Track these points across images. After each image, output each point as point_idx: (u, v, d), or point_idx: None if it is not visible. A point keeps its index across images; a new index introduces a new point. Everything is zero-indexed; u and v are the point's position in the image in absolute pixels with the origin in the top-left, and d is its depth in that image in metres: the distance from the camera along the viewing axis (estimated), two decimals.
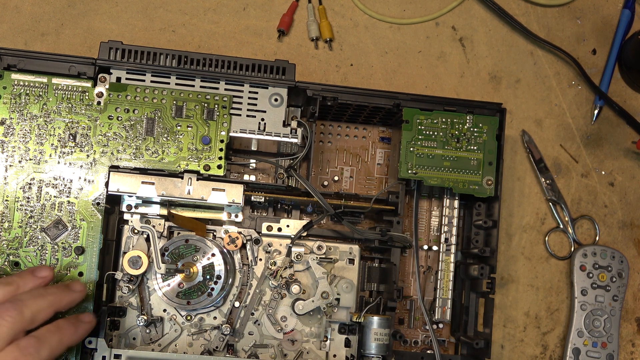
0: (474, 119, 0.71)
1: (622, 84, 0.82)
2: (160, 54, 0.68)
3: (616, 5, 0.82)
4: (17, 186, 0.66)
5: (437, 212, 0.76)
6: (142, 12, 0.78)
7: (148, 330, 0.70)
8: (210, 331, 0.71)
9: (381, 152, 0.77)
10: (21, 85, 0.67)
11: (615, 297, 0.76)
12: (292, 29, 0.80)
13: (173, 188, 0.67)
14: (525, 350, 0.77)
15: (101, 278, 0.67)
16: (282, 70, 0.69)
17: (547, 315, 0.78)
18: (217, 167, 0.68)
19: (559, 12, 0.82)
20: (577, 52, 0.81)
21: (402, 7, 0.81)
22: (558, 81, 0.81)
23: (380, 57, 0.80)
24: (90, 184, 0.67)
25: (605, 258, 0.76)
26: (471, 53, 0.81)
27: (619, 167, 0.80)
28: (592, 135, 0.81)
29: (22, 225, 0.66)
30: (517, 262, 0.78)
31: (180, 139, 0.68)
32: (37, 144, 0.67)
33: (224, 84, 0.69)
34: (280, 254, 0.71)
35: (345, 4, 0.80)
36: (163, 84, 0.68)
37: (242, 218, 0.72)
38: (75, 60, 0.68)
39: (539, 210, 0.79)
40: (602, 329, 0.75)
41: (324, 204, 0.68)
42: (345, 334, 0.71)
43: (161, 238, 0.70)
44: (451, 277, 0.73)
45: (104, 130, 0.67)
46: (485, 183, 0.70)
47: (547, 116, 0.80)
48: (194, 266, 0.68)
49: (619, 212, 0.80)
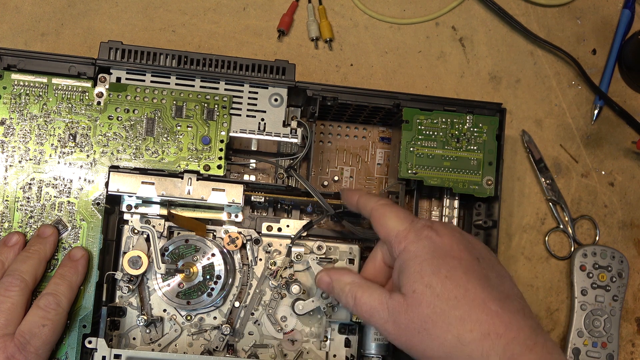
0: (474, 119, 0.71)
1: (622, 84, 0.82)
2: (160, 54, 0.68)
3: (616, 5, 0.82)
4: (17, 186, 0.66)
5: (437, 212, 0.76)
6: (142, 12, 0.78)
7: (148, 330, 0.70)
8: (210, 331, 0.71)
9: (381, 152, 0.77)
10: (21, 85, 0.67)
11: (615, 297, 0.76)
12: (292, 29, 0.80)
13: (173, 188, 0.67)
14: None
15: (101, 278, 0.67)
16: (282, 70, 0.69)
17: (547, 315, 0.78)
18: (217, 167, 0.68)
19: (559, 12, 0.82)
20: (577, 52, 0.81)
21: (402, 7, 0.81)
22: (558, 81, 0.81)
23: (380, 57, 0.80)
24: (90, 184, 0.67)
25: (605, 258, 0.76)
26: (471, 53, 0.81)
27: (619, 167, 0.80)
28: (592, 135, 0.81)
29: (22, 225, 0.66)
30: (517, 262, 0.78)
31: (180, 139, 0.68)
32: (37, 144, 0.67)
33: (224, 84, 0.69)
34: (280, 254, 0.71)
35: (345, 4, 0.80)
36: (163, 84, 0.68)
37: (242, 218, 0.72)
38: (75, 60, 0.68)
39: (539, 210, 0.79)
40: (602, 329, 0.75)
41: (324, 204, 0.68)
42: (345, 334, 0.71)
43: (161, 238, 0.70)
44: None
45: (104, 130, 0.67)
46: (485, 183, 0.70)
47: (547, 116, 0.80)
48: (194, 266, 0.68)
49: (619, 212, 0.80)
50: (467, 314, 0.52)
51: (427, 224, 0.57)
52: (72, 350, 0.64)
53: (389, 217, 0.59)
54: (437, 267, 0.54)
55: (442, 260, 0.54)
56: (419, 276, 0.54)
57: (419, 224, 0.57)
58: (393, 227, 0.58)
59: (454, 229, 0.58)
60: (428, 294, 0.53)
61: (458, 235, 0.57)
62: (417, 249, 0.56)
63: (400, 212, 0.59)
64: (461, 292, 0.52)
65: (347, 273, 0.60)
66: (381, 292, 0.57)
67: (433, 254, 0.55)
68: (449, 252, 0.55)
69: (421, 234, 0.56)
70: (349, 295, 0.58)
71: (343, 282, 0.59)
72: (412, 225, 0.57)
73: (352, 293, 0.58)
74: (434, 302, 0.53)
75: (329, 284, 0.60)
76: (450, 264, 0.54)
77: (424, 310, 0.53)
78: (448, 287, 0.53)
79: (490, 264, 0.57)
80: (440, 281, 0.53)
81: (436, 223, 0.58)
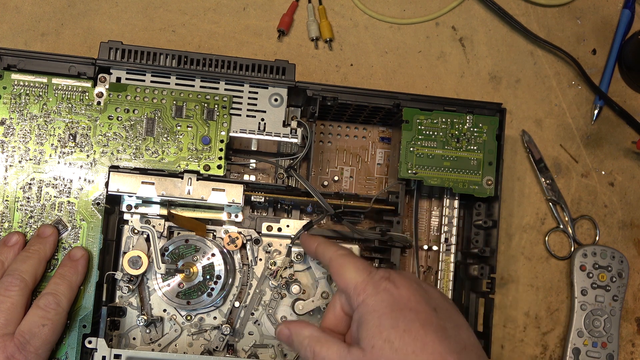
0: (474, 119, 0.71)
1: (622, 84, 0.82)
2: (160, 54, 0.68)
3: (616, 5, 0.82)
4: (17, 186, 0.66)
5: (437, 212, 0.76)
6: (142, 12, 0.78)
7: (148, 330, 0.70)
8: (210, 331, 0.71)
9: (381, 152, 0.77)
10: (21, 85, 0.67)
11: (615, 297, 0.76)
12: (292, 29, 0.80)
13: (173, 188, 0.67)
14: (525, 350, 0.77)
15: (101, 278, 0.67)
16: (282, 70, 0.69)
17: (547, 315, 0.78)
18: (217, 167, 0.68)
19: (559, 12, 0.82)
20: (577, 52, 0.81)
21: (402, 7, 0.81)
22: (558, 81, 0.81)
23: (380, 57, 0.80)
24: (90, 184, 0.67)
25: (605, 258, 0.76)
26: (471, 53, 0.81)
27: (619, 167, 0.80)
28: (592, 135, 0.81)
29: (22, 225, 0.66)
30: (517, 262, 0.78)
31: (180, 139, 0.68)
32: (37, 144, 0.67)
33: (224, 84, 0.69)
34: (280, 254, 0.71)
35: (345, 4, 0.80)
36: (163, 84, 0.68)
37: (242, 218, 0.72)
38: (75, 60, 0.68)
39: (539, 210, 0.79)
40: (602, 329, 0.75)
41: (324, 204, 0.68)
42: None
43: (161, 238, 0.70)
44: (451, 277, 0.73)
45: (104, 130, 0.67)
46: (485, 183, 0.70)
47: (547, 116, 0.80)
48: (194, 266, 0.68)
49: (619, 212, 0.80)
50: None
51: (384, 276, 0.57)
52: (72, 350, 0.64)
53: (347, 268, 0.59)
54: (396, 321, 0.54)
55: (400, 313, 0.54)
56: (377, 331, 0.54)
57: (377, 275, 0.57)
58: (351, 278, 0.58)
59: (412, 279, 0.58)
60: (387, 349, 0.53)
61: (415, 286, 0.57)
62: (376, 303, 0.55)
63: (358, 263, 0.59)
64: (419, 346, 0.53)
65: (306, 326, 0.59)
66: (339, 346, 0.56)
67: (392, 308, 0.55)
68: (406, 304, 0.55)
69: (379, 287, 0.56)
70: (308, 350, 0.57)
71: (302, 336, 0.59)
72: (370, 277, 0.57)
73: (311, 347, 0.57)
74: (393, 357, 0.53)
75: (289, 336, 0.60)
76: (408, 317, 0.54)
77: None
78: (406, 341, 0.53)
79: (448, 314, 0.57)
80: (398, 336, 0.53)
81: (393, 274, 0.57)
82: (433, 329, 0.54)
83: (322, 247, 0.64)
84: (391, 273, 0.57)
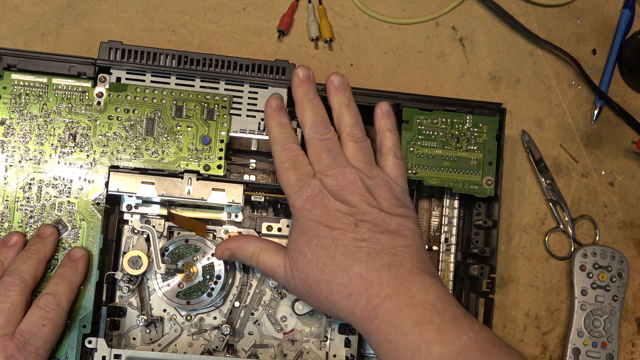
0: (474, 119, 0.71)
1: (622, 84, 0.82)
2: (160, 54, 0.68)
3: (616, 5, 0.82)
4: (17, 186, 0.66)
5: (437, 212, 0.76)
6: (142, 12, 0.78)
7: (148, 330, 0.70)
8: (210, 331, 0.71)
9: None
10: (21, 85, 0.67)
11: (615, 297, 0.76)
12: (292, 29, 0.80)
13: (173, 188, 0.67)
14: (525, 350, 0.77)
15: (101, 278, 0.67)
16: (282, 70, 0.69)
17: (547, 315, 0.78)
18: (217, 167, 0.68)
19: (559, 12, 0.82)
20: (577, 52, 0.81)
21: (402, 7, 0.81)
22: (558, 81, 0.81)
23: (380, 57, 0.80)
24: (90, 184, 0.67)
25: (605, 258, 0.76)
26: (471, 53, 0.81)
27: (619, 167, 0.80)
28: (592, 135, 0.81)
29: (22, 225, 0.66)
30: (517, 262, 0.78)
31: (180, 139, 0.68)
32: (37, 144, 0.67)
33: (224, 84, 0.69)
34: None
35: (345, 4, 0.80)
36: (163, 84, 0.68)
37: (242, 218, 0.72)
38: (75, 60, 0.68)
39: (539, 210, 0.79)
40: (602, 329, 0.75)
41: None
42: (345, 334, 0.71)
43: (161, 238, 0.70)
44: (451, 277, 0.73)
45: (104, 130, 0.67)
46: (485, 183, 0.70)
47: (547, 116, 0.80)
48: (194, 266, 0.68)
49: (619, 212, 0.80)
50: (333, 278, 0.59)
51: (312, 194, 0.62)
52: (72, 350, 0.64)
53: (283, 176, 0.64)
54: (310, 237, 0.60)
55: (316, 229, 0.60)
56: (294, 244, 0.61)
57: (305, 193, 0.62)
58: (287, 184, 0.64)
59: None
60: (301, 260, 0.61)
61: (338, 204, 0.62)
62: (297, 218, 0.62)
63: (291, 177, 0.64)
64: (329, 258, 0.59)
65: (250, 242, 0.65)
66: (278, 254, 0.63)
67: (311, 223, 0.61)
68: (324, 221, 0.60)
69: (305, 202, 0.62)
70: (253, 260, 0.64)
71: (249, 252, 0.65)
72: (298, 194, 0.62)
73: (255, 257, 0.64)
74: (307, 266, 0.60)
75: (231, 255, 0.66)
76: (322, 233, 0.60)
77: (301, 274, 0.61)
78: (318, 254, 0.60)
79: (370, 226, 0.60)
80: (310, 250, 0.60)
81: (320, 192, 0.62)
82: (343, 243, 0.59)
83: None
84: (319, 192, 0.61)
